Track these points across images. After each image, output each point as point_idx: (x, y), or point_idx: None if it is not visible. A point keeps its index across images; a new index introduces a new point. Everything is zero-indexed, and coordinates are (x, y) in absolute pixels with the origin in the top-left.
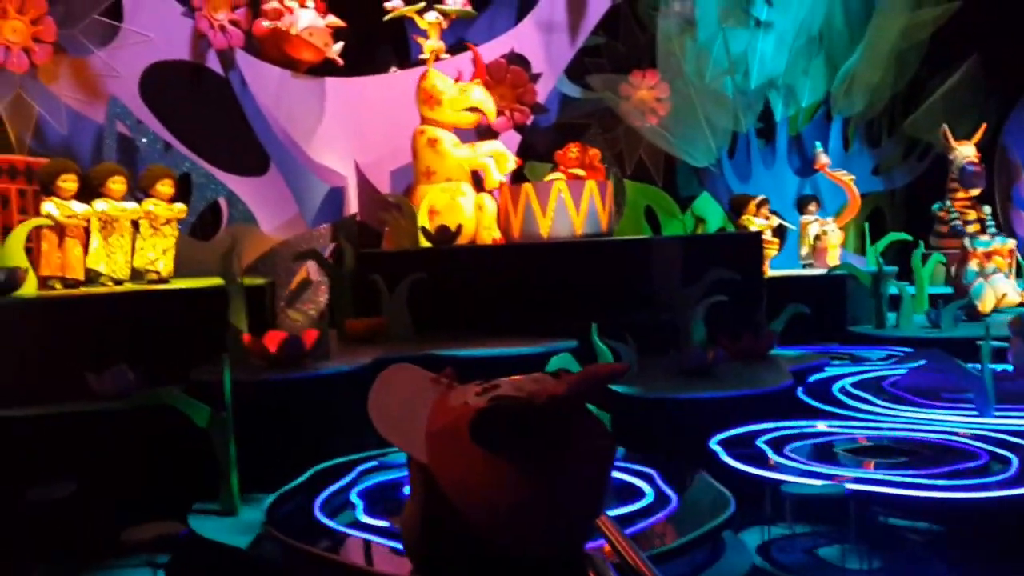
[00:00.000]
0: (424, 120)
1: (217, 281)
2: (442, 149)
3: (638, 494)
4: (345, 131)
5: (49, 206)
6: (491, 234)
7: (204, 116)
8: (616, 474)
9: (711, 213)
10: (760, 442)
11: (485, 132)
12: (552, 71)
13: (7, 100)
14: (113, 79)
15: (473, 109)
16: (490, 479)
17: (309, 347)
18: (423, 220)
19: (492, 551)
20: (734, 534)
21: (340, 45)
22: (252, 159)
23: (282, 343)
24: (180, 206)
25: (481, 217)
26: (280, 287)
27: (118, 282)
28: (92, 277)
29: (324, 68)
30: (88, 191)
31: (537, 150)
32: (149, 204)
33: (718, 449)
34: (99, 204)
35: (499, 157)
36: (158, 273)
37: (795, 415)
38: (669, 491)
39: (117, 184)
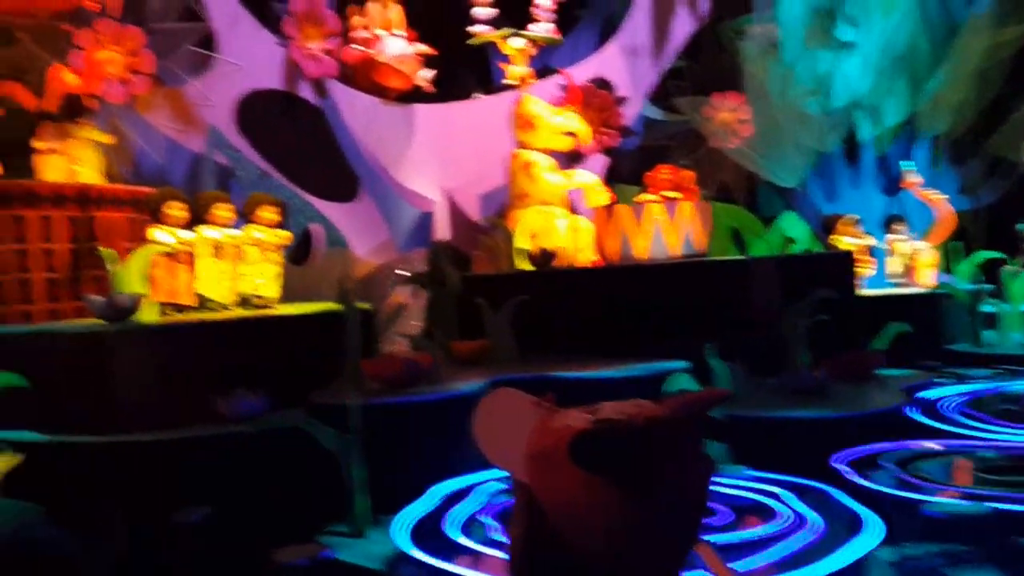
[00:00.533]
0: (519, 144)
1: (324, 306)
2: (536, 173)
3: (773, 515)
4: (433, 156)
5: (160, 233)
6: (587, 256)
7: (296, 143)
8: (746, 494)
9: (795, 233)
10: (884, 461)
11: (573, 155)
12: (637, 94)
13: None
14: (208, 108)
15: (568, 133)
16: (589, 500)
17: (426, 370)
18: (520, 243)
19: (590, 573)
20: (875, 555)
21: (430, 72)
22: (343, 185)
23: (401, 366)
24: (285, 232)
25: (576, 239)
26: (376, 311)
27: (225, 308)
28: (200, 303)
29: (412, 95)
30: (195, 218)
31: (621, 173)
32: (254, 230)
33: (843, 468)
34: (207, 231)
35: (590, 190)
36: (263, 298)
37: (913, 434)
38: (805, 511)
39: (223, 211)
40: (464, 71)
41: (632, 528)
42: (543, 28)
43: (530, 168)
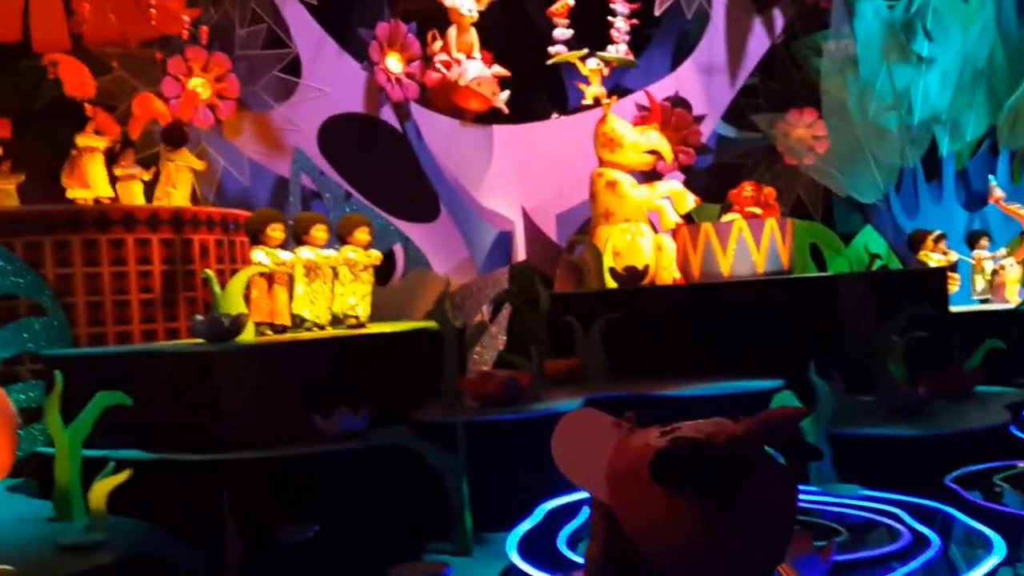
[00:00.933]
0: (603, 163)
1: (415, 324)
2: (621, 191)
3: (894, 535)
4: (511, 176)
5: (259, 254)
6: (670, 274)
7: (378, 165)
8: (861, 513)
9: (874, 249)
10: (997, 480)
11: (649, 174)
12: (712, 112)
13: (193, 155)
14: (293, 132)
15: (651, 152)
16: (670, 518)
17: (525, 388)
18: (607, 261)
19: None
20: None
21: (507, 94)
22: (423, 205)
23: (501, 384)
24: (376, 253)
25: (660, 257)
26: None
27: (320, 327)
28: (297, 323)
29: (490, 116)
30: (291, 239)
31: (696, 191)
32: (348, 251)
33: (957, 487)
34: (303, 252)
35: (677, 196)
36: (356, 318)
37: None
38: (926, 532)
39: (320, 232)
40: (541, 93)
41: (713, 546)
42: (618, 49)
43: (615, 186)
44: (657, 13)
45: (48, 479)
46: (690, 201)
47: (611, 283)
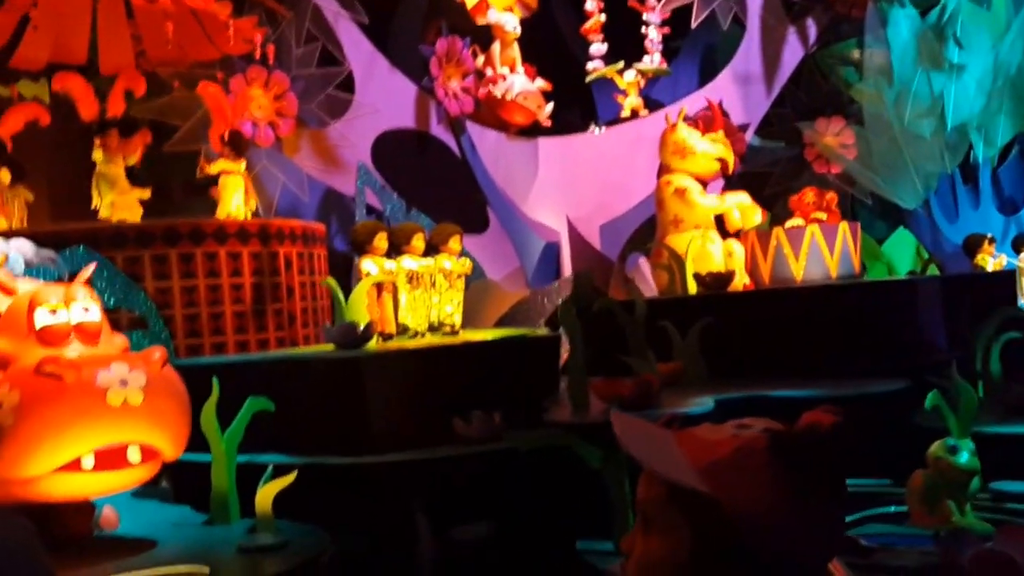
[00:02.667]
0: (668, 170)
1: (521, 332)
2: (690, 199)
3: None
4: (556, 188)
5: (368, 264)
6: (741, 280)
7: (429, 179)
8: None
9: (903, 252)
10: None
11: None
12: (750, 122)
13: (254, 172)
14: (348, 148)
15: (718, 160)
16: (787, 504)
17: (656, 391)
18: (691, 267)
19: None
20: None
21: (551, 107)
22: (474, 217)
23: (636, 386)
24: (468, 261)
25: (730, 263)
26: None
27: (421, 335)
28: (400, 331)
29: (532, 129)
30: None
31: None
32: (443, 260)
33: None
34: (406, 261)
35: (745, 209)
36: (452, 326)
37: None
38: None
39: (419, 242)
40: (571, 106)
41: (824, 531)
42: (653, 60)
43: (684, 194)
44: (693, 25)
45: (185, 484)
46: (758, 216)
47: (693, 289)
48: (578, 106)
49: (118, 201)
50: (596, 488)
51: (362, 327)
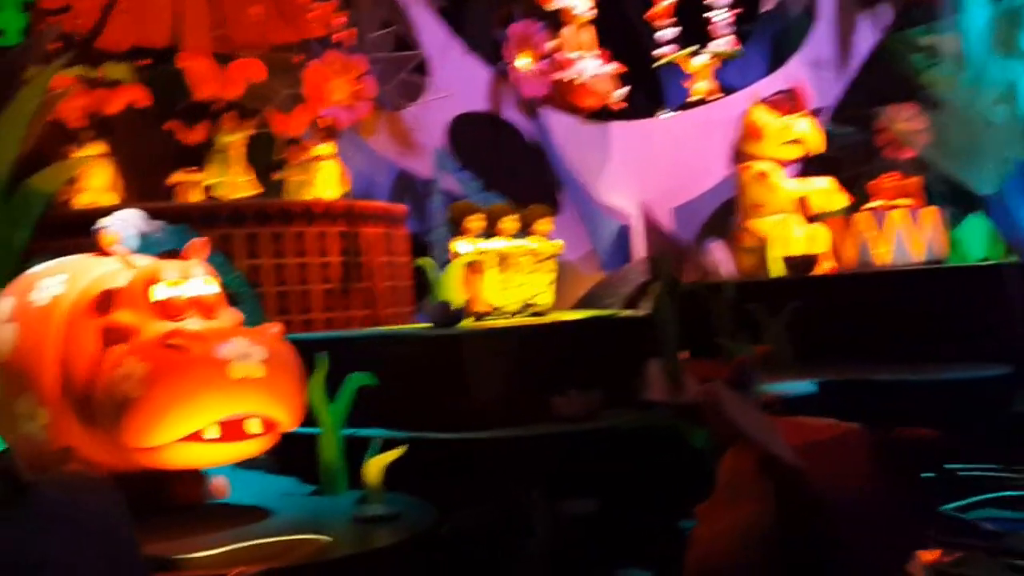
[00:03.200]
0: (747, 155)
1: (599, 312)
2: (772, 183)
3: None
4: (629, 172)
5: (461, 244)
6: (825, 263)
7: (502, 162)
8: None
9: (976, 238)
10: None
11: None
12: (821, 107)
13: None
14: (423, 131)
15: (795, 141)
16: (872, 492)
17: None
18: (777, 250)
19: (842, 562)
20: None
21: (624, 90)
22: (547, 201)
23: (737, 367)
24: (559, 242)
25: (813, 247)
26: None
27: (510, 315)
28: (492, 310)
29: (603, 113)
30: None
31: None
32: (532, 241)
33: None
34: (496, 242)
35: (828, 194)
36: (540, 306)
37: None
38: None
39: (510, 223)
40: (639, 90)
41: (907, 532)
42: (724, 42)
43: (765, 178)
44: (763, 10)
45: (289, 456)
46: (841, 200)
47: (776, 272)
48: (644, 90)
49: (230, 181)
50: (696, 467)
51: (459, 306)
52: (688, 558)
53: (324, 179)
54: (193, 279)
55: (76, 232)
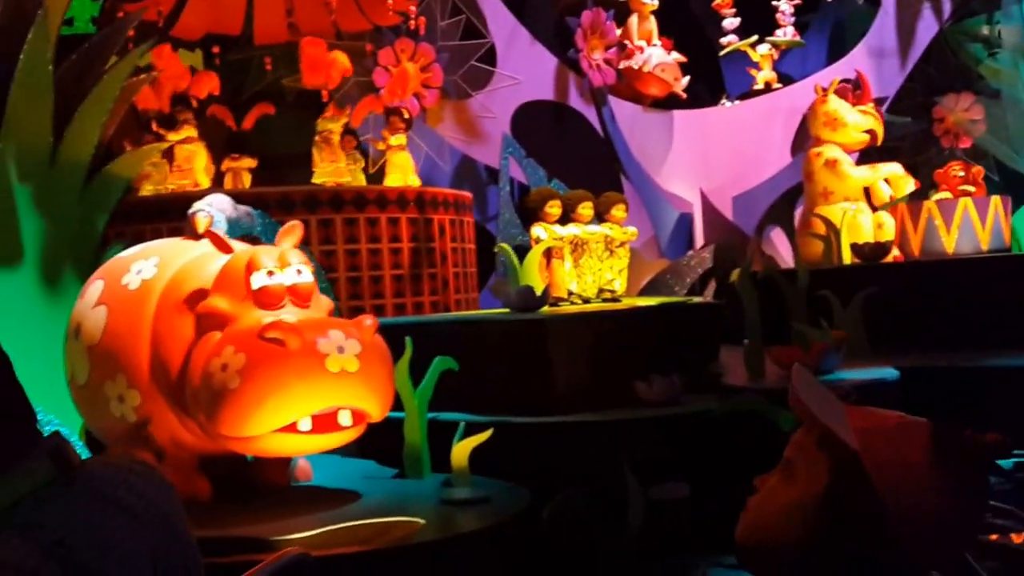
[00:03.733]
0: (820, 142)
1: (672, 299)
2: (841, 170)
3: None
4: (690, 160)
5: (538, 230)
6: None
7: (566, 150)
8: None
9: None
10: None
11: None
12: (884, 96)
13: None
14: (489, 119)
15: (867, 131)
16: (929, 486)
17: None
18: (848, 237)
19: (895, 554)
20: None
21: (687, 79)
22: (610, 188)
23: (821, 352)
24: (633, 229)
25: (880, 235)
26: None
27: (586, 300)
28: (566, 296)
29: (666, 102)
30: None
31: None
32: (607, 228)
33: None
34: (571, 228)
35: (897, 180)
36: (613, 292)
37: None
38: None
39: (587, 210)
40: (698, 78)
41: (960, 530)
42: (786, 32)
43: (836, 165)
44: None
45: (370, 439)
46: (910, 186)
47: (848, 259)
48: (705, 79)
49: (332, 168)
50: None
51: (540, 291)
52: (740, 525)
53: (396, 168)
54: (290, 266)
55: (148, 218)
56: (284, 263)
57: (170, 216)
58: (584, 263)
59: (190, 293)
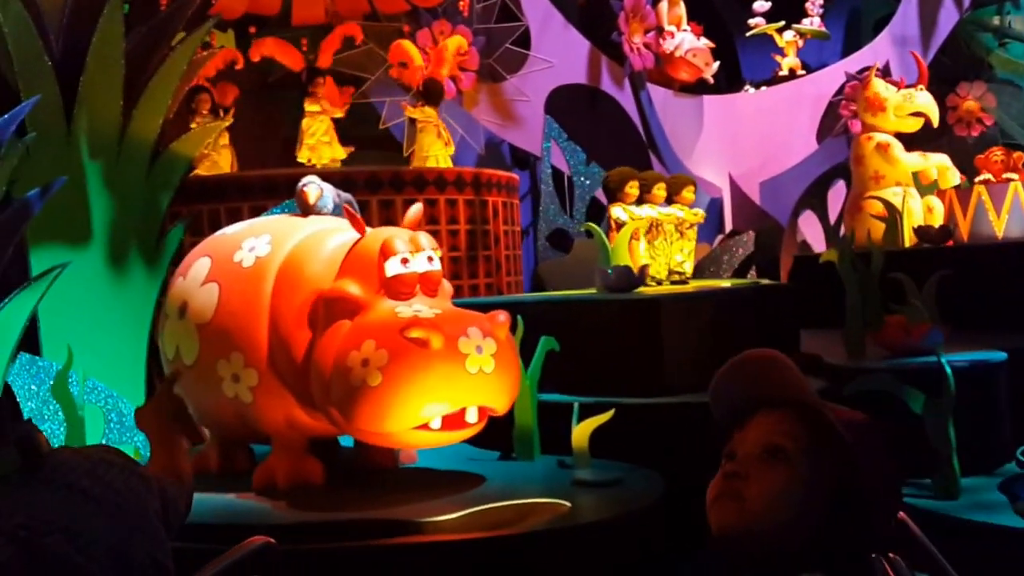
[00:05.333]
0: (867, 127)
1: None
2: (892, 155)
3: None
4: (719, 146)
5: (618, 211)
6: None
7: (598, 133)
8: None
9: None
10: None
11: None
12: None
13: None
14: (524, 102)
15: (916, 113)
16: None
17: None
18: (909, 220)
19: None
20: None
21: (717, 65)
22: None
23: (926, 332)
24: (701, 211)
25: (931, 220)
26: None
27: (659, 282)
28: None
29: (695, 87)
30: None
31: None
32: (677, 209)
33: None
34: (645, 209)
35: (943, 171)
36: (682, 274)
37: None
38: None
39: (661, 191)
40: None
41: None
42: (813, 22)
43: (887, 149)
44: None
45: None
46: (956, 177)
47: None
48: (723, 66)
49: (319, 150)
50: (913, 433)
51: (638, 271)
52: (727, 514)
53: (427, 146)
54: (422, 252)
55: (202, 198)
56: (417, 248)
57: (227, 196)
58: (657, 245)
59: (312, 274)
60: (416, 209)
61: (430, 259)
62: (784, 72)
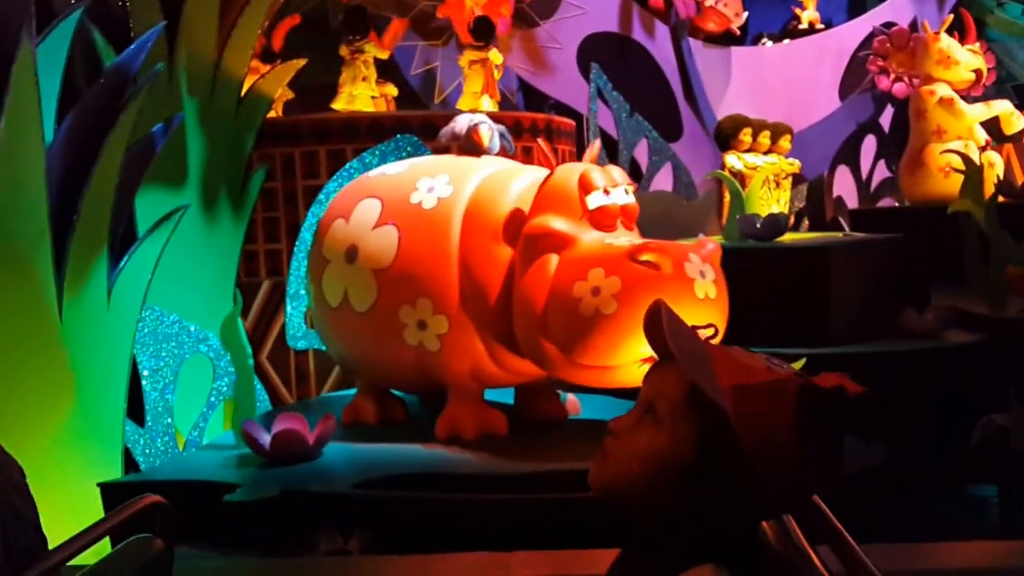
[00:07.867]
0: (929, 80)
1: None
2: (957, 108)
3: None
4: (746, 98)
5: (732, 159)
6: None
7: (628, 83)
8: None
9: None
10: None
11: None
12: None
13: None
14: (556, 50)
15: (974, 70)
16: (795, 440)
17: None
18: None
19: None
20: None
21: (746, 15)
22: (671, 124)
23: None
24: (797, 161)
25: (990, 175)
26: None
27: None
28: None
29: (720, 38)
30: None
31: None
32: (774, 158)
33: None
34: (757, 157)
35: (1007, 117)
36: None
37: None
38: None
39: (765, 139)
40: None
41: (819, 474)
42: None
43: (951, 103)
44: None
45: None
46: (1020, 122)
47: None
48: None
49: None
50: None
51: (784, 218)
52: (594, 470)
53: (474, 88)
54: (618, 186)
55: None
56: (613, 182)
57: (301, 140)
58: (763, 194)
59: (503, 213)
60: (597, 145)
61: (627, 192)
62: (804, 25)
